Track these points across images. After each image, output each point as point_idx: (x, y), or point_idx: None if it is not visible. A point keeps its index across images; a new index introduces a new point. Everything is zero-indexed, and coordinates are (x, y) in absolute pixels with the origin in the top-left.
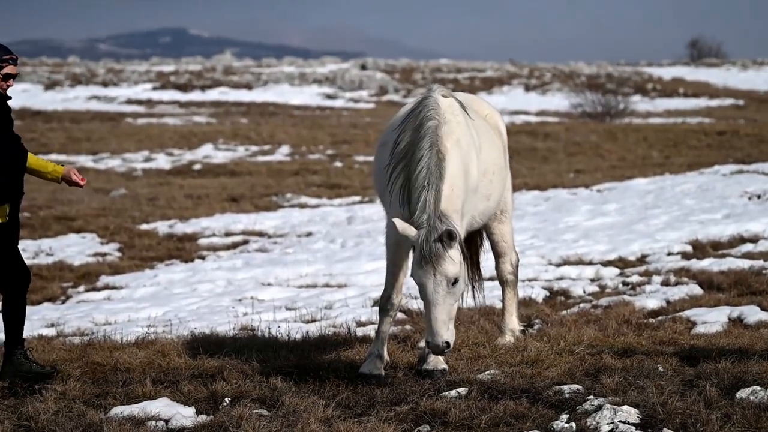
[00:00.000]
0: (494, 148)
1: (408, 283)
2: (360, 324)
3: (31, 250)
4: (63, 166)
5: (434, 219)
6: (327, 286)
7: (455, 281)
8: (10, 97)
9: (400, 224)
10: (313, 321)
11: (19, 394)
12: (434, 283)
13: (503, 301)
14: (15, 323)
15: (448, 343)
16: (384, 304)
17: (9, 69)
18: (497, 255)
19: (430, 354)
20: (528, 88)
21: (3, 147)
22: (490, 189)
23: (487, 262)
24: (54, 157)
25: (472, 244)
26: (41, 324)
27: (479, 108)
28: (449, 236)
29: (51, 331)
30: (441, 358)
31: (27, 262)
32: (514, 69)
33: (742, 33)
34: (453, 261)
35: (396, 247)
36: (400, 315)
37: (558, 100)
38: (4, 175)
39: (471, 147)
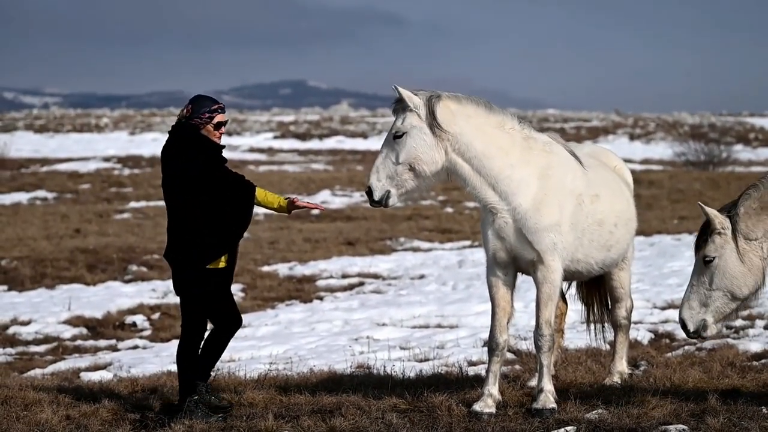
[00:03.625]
0: (619, 200)
1: (517, 324)
2: (471, 363)
3: (160, 290)
4: (286, 199)
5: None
6: (439, 326)
7: (397, 135)
8: (224, 146)
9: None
10: (426, 360)
11: (149, 426)
12: (387, 133)
13: (614, 344)
14: (211, 359)
15: (369, 190)
16: (490, 344)
17: (219, 118)
18: (614, 300)
19: (540, 394)
20: (632, 137)
21: (225, 195)
22: (610, 240)
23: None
24: None
25: (601, 287)
26: (170, 360)
27: (607, 160)
28: (399, 97)
29: None
30: (551, 397)
31: (156, 302)
32: (619, 119)
33: None
34: (401, 117)
35: (496, 289)
36: (509, 355)
37: (662, 149)
38: (226, 225)
39: (564, 184)
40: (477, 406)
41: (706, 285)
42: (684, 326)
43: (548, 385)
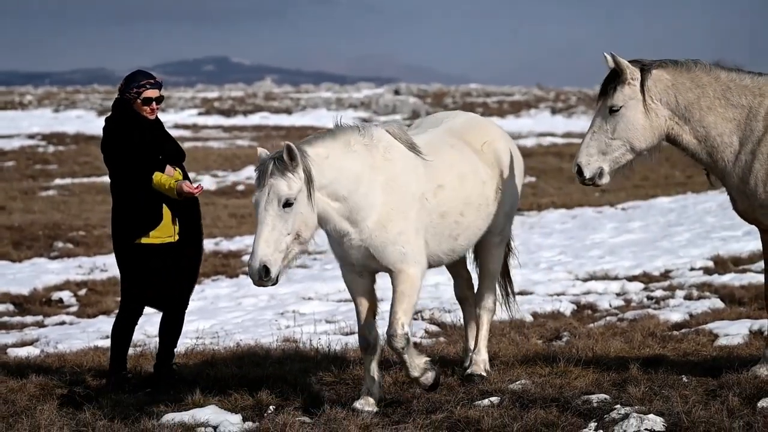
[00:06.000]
0: (468, 185)
1: (442, 297)
2: None
3: (86, 266)
4: (177, 182)
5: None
6: None
7: (287, 204)
8: (154, 120)
9: (261, 150)
10: (352, 333)
11: (77, 402)
12: (266, 201)
13: (479, 328)
14: (168, 341)
15: (266, 268)
16: (361, 343)
17: (148, 93)
18: (480, 277)
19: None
20: (554, 111)
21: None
22: (456, 229)
23: (514, 277)
24: (107, 178)
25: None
26: (97, 336)
27: (475, 135)
28: (288, 155)
29: (106, 343)
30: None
31: (82, 278)
32: (541, 93)
33: (766, 54)
34: (287, 182)
35: (354, 288)
36: (433, 328)
37: (583, 123)
38: (147, 202)
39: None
40: (358, 404)
41: (608, 134)
42: (580, 172)
43: (415, 372)
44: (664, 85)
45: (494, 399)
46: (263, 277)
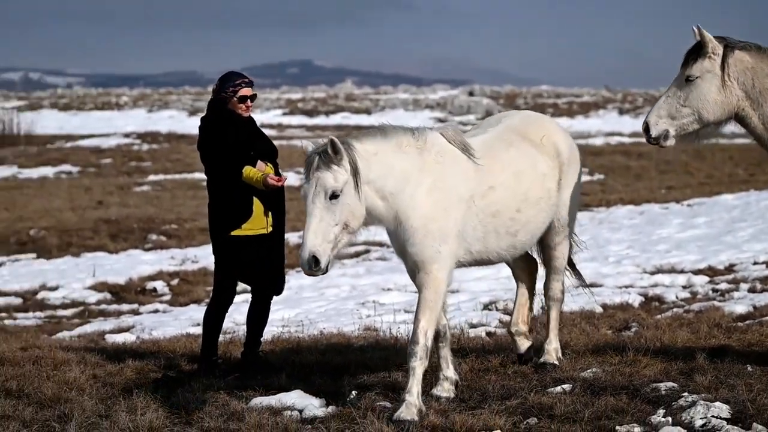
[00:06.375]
0: (524, 181)
1: (515, 289)
2: (472, 326)
3: (178, 257)
4: (263, 175)
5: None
6: None
7: (334, 196)
8: (248, 118)
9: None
10: None
11: (171, 385)
12: (313, 193)
13: (548, 320)
14: (255, 327)
15: (315, 258)
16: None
17: (243, 92)
18: (547, 271)
19: (401, 404)
20: (621, 111)
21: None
22: (513, 226)
23: (584, 270)
24: (197, 175)
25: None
26: (189, 323)
27: (534, 130)
28: (332, 148)
29: (197, 330)
30: (413, 409)
31: (174, 268)
32: (608, 94)
33: None
34: (332, 175)
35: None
36: (507, 318)
37: None
38: (239, 197)
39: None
40: (435, 391)
41: (681, 100)
42: (647, 129)
43: (411, 397)
44: (743, 67)
45: (566, 386)
46: (313, 267)
